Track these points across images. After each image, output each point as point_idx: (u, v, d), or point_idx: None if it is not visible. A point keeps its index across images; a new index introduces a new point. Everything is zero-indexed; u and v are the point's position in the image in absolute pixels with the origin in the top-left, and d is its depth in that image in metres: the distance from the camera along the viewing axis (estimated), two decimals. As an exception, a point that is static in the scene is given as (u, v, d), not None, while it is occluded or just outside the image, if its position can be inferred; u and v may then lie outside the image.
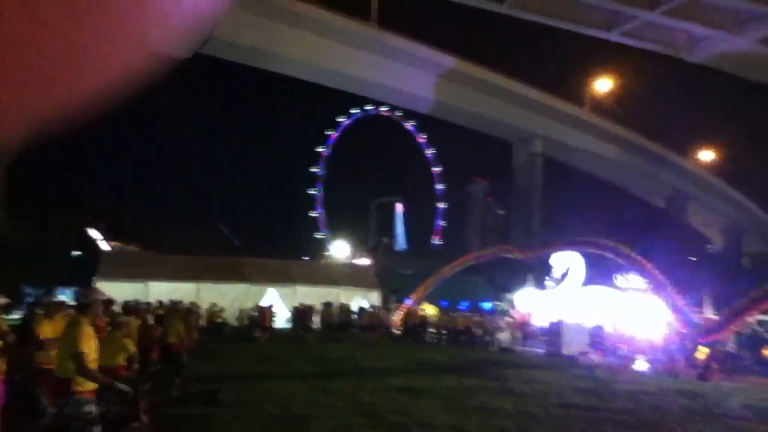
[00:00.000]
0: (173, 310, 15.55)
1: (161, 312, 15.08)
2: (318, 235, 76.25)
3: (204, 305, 25.83)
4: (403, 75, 54.24)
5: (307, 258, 60.11)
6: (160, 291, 26.60)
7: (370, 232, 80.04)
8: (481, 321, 28.07)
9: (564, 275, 30.02)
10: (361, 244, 67.34)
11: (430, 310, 34.11)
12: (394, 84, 55.54)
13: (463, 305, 45.51)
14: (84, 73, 1.65)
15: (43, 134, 1.69)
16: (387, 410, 10.01)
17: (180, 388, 10.85)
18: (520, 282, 36.88)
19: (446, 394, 12.16)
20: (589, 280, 29.53)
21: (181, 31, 1.66)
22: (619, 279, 29.03)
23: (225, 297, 29.31)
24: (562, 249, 30.24)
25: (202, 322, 23.09)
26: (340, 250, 61.95)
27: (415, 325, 29.83)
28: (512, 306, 33.21)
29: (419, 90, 56.36)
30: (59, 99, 1.66)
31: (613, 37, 55.91)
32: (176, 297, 22.92)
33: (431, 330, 29.25)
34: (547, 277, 31.32)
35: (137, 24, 1.59)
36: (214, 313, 26.59)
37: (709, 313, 27.12)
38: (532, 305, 30.61)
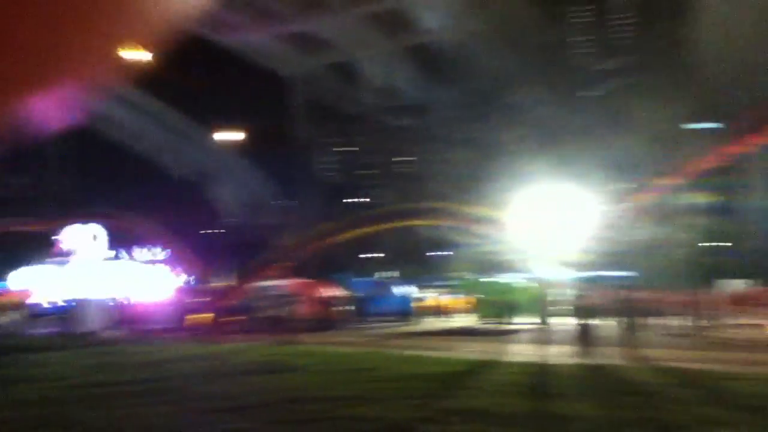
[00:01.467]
0: None
1: None
2: None
3: None
4: None
5: None
6: None
7: None
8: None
9: (77, 249, 28.61)
10: None
11: None
12: None
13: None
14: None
15: None
16: None
17: None
18: (32, 257, 33.58)
19: None
20: (111, 253, 28.97)
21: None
22: (138, 251, 29.36)
23: None
24: (81, 222, 28.87)
25: None
26: None
27: None
28: (8, 286, 29.72)
29: None
30: None
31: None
32: None
33: None
34: (55, 252, 29.26)
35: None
36: None
37: (227, 281, 29.52)
38: (38, 283, 28.09)
